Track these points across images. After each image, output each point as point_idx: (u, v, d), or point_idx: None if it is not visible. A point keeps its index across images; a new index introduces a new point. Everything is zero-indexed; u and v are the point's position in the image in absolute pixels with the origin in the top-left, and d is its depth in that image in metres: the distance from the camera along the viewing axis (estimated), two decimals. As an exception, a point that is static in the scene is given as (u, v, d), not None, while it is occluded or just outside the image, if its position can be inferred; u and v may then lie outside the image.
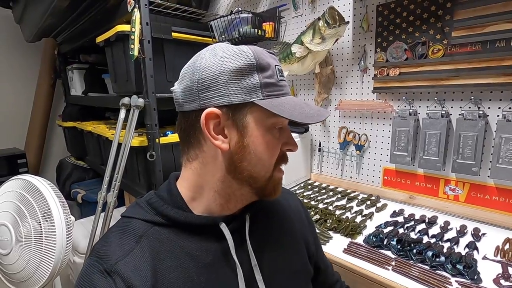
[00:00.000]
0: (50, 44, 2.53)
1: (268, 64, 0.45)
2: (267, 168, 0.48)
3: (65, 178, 2.31)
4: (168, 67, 1.40)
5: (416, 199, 1.21)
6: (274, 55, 0.49)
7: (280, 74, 0.48)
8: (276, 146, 0.48)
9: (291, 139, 0.50)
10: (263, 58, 0.45)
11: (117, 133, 1.36)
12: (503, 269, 0.78)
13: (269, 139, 0.47)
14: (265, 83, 0.45)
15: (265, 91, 0.45)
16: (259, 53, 0.46)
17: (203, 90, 0.44)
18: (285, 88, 0.48)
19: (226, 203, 0.49)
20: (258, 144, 0.46)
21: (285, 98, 0.47)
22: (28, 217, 1.03)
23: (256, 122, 0.45)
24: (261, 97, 0.44)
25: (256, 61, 0.44)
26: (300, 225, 0.61)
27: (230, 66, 0.43)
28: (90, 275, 0.41)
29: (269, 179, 0.48)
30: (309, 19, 1.48)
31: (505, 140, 0.95)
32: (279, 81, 0.47)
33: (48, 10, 1.65)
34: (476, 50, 0.99)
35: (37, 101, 2.65)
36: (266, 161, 0.47)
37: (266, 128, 0.46)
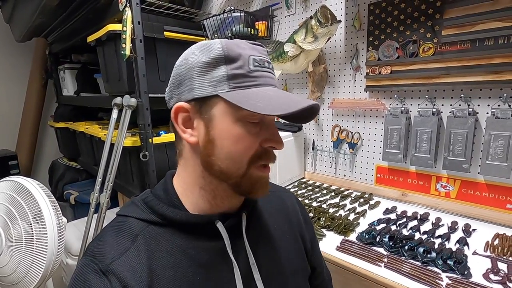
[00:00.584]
0: (41, 43, 2.50)
1: (239, 55, 0.43)
2: (238, 164, 0.44)
3: (58, 179, 2.29)
4: (161, 66, 1.40)
5: (408, 196, 1.23)
6: (259, 46, 0.47)
7: (256, 64, 0.44)
8: (249, 141, 0.44)
9: (274, 136, 0.46)
10: (234, 49, 0.44)
11: (110, 133, 1.35)
12: (492, 264, 0.79)
13: (238, 133, 0.44)
14: (233, 74, 0.43)
15: (232, 82, 0.43)
16: (232, 44, 0.44)
17: (177, 86, 0.46)
18: (261, 79, 0.45)
19: (213, 200, 0.48)
20: (224, 138, 0.44)
21: (256, 89, 0.44)
22: (19, 219, 1.02)
23: (222, 115, 0.44)
24: (227, 89, 0.43)
25: (224, 53, 0.43)
26: (297, 223, 0.61)
27: (198, 61, 0.44)
28: (84, 275, 0.41)
29: (243, 176, 0.45)
30: (302, 18, 1.48)
31: (494, 137, 0.97)
32: (251, 71, 0.44)
33: (38, 9, 1.63)
34: (466, 49, 1.01)
35: (28, 101, 2.61)
36: (235, 156, 0.44)
37: (234, 121, 0.44)
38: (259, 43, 0.48)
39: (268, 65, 0.46)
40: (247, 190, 0.47)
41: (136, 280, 0.41)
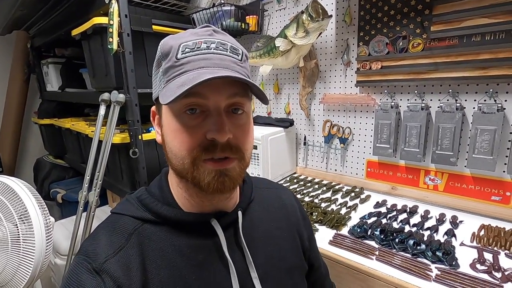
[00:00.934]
0: (22, 37, 2.40)
1: (170, 47, 0.42)
2: (181, 159, 0.42)
3: (44, 178, 2.22)
4: (150, 61, 1.36)
5: (398, 189, 1.25)
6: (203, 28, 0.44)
7: (186, 50, 0.41)
8: (187, 134, 0.41)
9: (214, 125, 0.41)
10: (168, 42, 0.43)
11: (97, 130, 1.32)
12: (478, 254, 0.82)
13: (175, 127, 0.42)
14: (165, 69, 0.43)
15: (165, 78, 0.43)
16: (168, 39, 0.44)
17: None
18: (187, 64, 0.41)
19: (191, 198, 0.47)
20: (167, 134, 0.45)
21: (180, 78, 0.40)
22: (4, 220, 0.98)
23: (165, 112, 0.45)
24: (163, 85, 0.44)
25: (161, 50, 0.44)
26: (295, 220, 0.60)
27: (154, 64, 0.47)
28: (78, 274, 0.40)
29: (191, 171, 0.42)
30: (293, 12, 1.47)
31: (480, 131, 0.99)
32: (177, 60, 0.41)
33: (18, 1, 1.55)
34: (454, 44, 1.02)
35: (10, 97, 2.51)
36: (176, 151, 0.43)
37: (173, 116, 0.43)
38: (208, 25, 0.45)
39: (208, 46, 0.41)
40: (203, 187, 0.42)
41: (130, 279, 0.40)
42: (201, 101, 0.41)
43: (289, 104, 1.59)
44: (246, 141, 0.45)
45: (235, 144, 0.43)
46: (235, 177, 0.44)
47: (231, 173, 0.43)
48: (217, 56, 0.41)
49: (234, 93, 0.42)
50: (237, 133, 0.43)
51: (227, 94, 0.42)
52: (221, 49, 0.42)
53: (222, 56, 0.42)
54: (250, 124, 0.47)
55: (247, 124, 0.46)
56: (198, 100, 0.41)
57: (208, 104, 0.41)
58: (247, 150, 0.46)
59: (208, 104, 0.41)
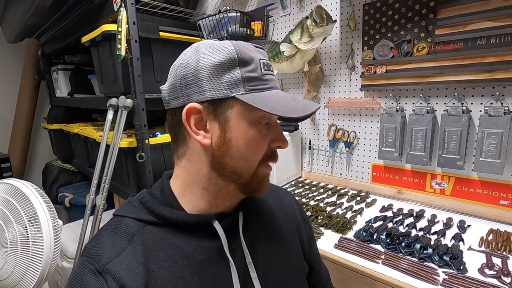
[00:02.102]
0: (33, 44, 2.47)
1: (251, 58, 0.45)
2: (250, 164, 0.46)
3: (52, 182, 2.26)
4: (156, 67, 1.39)
5: (404, 193, 1.24)
6: (262, 49, 0.48)
7: (265, 68, 0.46)
8: (261, 142, 0.46)
9: (280, 135, 0.48)
10: (246, 52, 0.45)
11: (105, 134, 1.34)
12: (487, 259, 0.81)
13: (253, 135, 0.45)
14: (248, 77, 0.44)
15: (248, 85, 0.44)
16: (242, 47, 0.45)
17: (185, 86, 0.45)
18: (271, 82, 0.47)
19: (214, 200, 0.49)
20: (240, 139, 0.45)
21: (269, 92, 0.45)
22: (14, 222, 1.00)
23: (238, 116, 0.44)
24: (243, 91, 0.43)
25: (237, 55, 0.44)
26: (295, 222, 0.61)
27: (211, 61, 0.43)
28: (81, 275, 0.41)
29: (253, 176, 0.47)
30: (297, 18, 1.49)
31: (487, 135, 0.98)
32: (263, 75, 0.46)
33: (31, 10, 1.60)
34: (459, 48, 1.02)
35: (21, 103, 2.57)
36: (249, 157, 0.46)
37: (249, 123, 0.45)
38: (261, 46, 0.49)
39: (271, 68, 0.49)
40: (254, 189, 0.48)
41: (132, 280, 0.41)
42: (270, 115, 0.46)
43: (294, 108, 1.60)
44: None
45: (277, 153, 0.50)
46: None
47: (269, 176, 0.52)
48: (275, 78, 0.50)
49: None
50: None
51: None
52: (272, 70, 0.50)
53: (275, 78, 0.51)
54: None
55: None
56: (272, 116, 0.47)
57: (271, 117, 0.48)
58: None
59: (271, 117, 0.48)
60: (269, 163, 0.49)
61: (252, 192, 0.49)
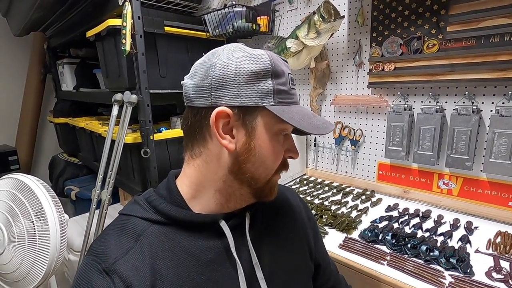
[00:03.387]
0: (39, 38, 2.47)
1: (282, 71, 0.47)
2: (269, 171, 0.49)
3: (58, 175, 2.28)
4: (161, 62, 1.38)
5: (410, 193, 1.23)
6: (287, 63, 0.50)
7: (292, 82, 0.49)
8: (280, 152, 0.49)
9: (293, 147, 0.52)
10: (278, 65, 0.46)
11: (110, 129, 1.34)
12: (495, 262, 0.80)
13: (275, 144, 0.48)
14: (278, 89, 0.45)
15: (277, 97, 0.45)
16: (275, 59, 0.46)
17: (217, 88, 0.44)
18: (295, 96, 0.49)
19: (226, 203, 0.49)
20: (264, 148, 0.47)
21: (294, 107, 0.48)
22: (21, 217, 1.01)
23: (265, 126, 0.46)
24: (272, 102, 0.45)
25: (272, 67, 0.45)
26: (301, 221, 0.61)
27: (247, 68, 0.44)
28: (88, 275, 0.41)
29: (268, 182, 0.50)
30: (304, 13, 1.46)
31: (498, 135, 0.96)
32: (290, 89, 0.48)
33: (36, 3, 1.60)
34: (471, 45, 0.99)
35: (27, 96, 2.59)
36: (269, 165, 0.48)
37: (273, 133, 0.47)
38: (285, 59, 0.51)
39: (295, 83, 0.51)
40: (266, 194, 0.51)
41: (139, 279, 0.41)
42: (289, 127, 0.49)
43: (299, 105, 1.58)
44: None
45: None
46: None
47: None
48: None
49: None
50: None
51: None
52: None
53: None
54: None
55: None
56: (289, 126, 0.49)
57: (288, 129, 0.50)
58: None
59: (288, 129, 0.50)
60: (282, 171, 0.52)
61: (264, 197, 0.51)
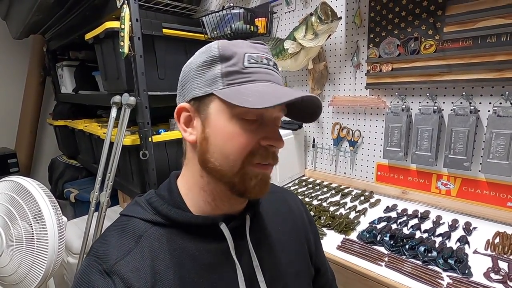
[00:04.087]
0: (38, 40, 2.47)
1: (233, 53, 0.43)
2: (231, 162, 0.43)
3: (58, 178, 2.28)
4: (160, 64, 1.38)
5: (408, 194, 1.23)
6: (260, 44, 0.46)
7: (251, 61, 0.43)
8: (244, 138, 0.43)
9: (272, 133, 0.44)
10: (230, 48, 0.44)
11: (109, 131, 1.34)
12: (493, 263, 0.79)
13: (233, 130, 0.43)
14: (227, 72, 0.43)
15: (226, 80, 0.43)
16: (228, 44, 0.45)
17: (182, 87, 0.49)
18: (255, 74, 0.43)
19: (213, 201, 0.48)
20: (218, 135, 0.44)
21: (249, 85, 0.43)
22: (19, 219, 1.01)
23: (217, 112, 0.44)
24: (221, 87, 0.43)
25: (219, 52, 0.44)
26: (302, 225, 0.61)
27: (198, 62, 0.46)
28: (88, 275, 0.41)
29: (238, 174, 0.44)
30: (302, 14, 1.46)
31: (495, 135, 0.96)
32: (245, 67, 0.43)
33: (35, 6, 1.60)
34: (468, 46, 1.00)
35: (27, 99, 2.59)
36: (228, 153, 0.43)
37: (229, 118, 0.43)
38: (261, 42, 0.48)
39: (268, 62, 0.45)
40: (243, 190, 0.45)
41: (139, 281, 0.41)
42: (259, 110, 0.42)
43: (298, 106, 1.58)
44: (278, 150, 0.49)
45: (276, 152, 0.48)
46: (269, 182, 0.48)
47: (269, 178, 0.48)
48: (276, 74, 0.46)
49: (282, 109, 0.46)
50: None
51: (279, 108, 0.45)
52: (275, 68, 0.47)
53: (277, 75, 0.47)
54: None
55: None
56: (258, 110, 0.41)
57: (265, 113, 0.44)
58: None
59: (265, 113, 0.44)
60: (261, 162, 0.44)
61: (242, 193, 0.45)
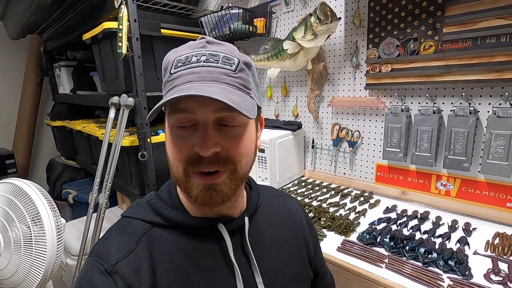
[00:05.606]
0: (35, 41, 2.46)
1: (168, 61, 0.44)
2: (175, 168, 0.44)
3: (56, 178, 2.27)
4: (158, 64, 1.37)
5: (408, 194, 1.23)
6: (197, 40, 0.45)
7: (177, 65, 0.42)
8: (177, 145, 0.43)
9: (198, 139, 0.41)
10: (167, 57, 0.45)
11: (107, 132, 1.34)
12: (493, 264, 0.79)
13: (171, 139, 0.44)
14: (164, 83, 0.45)
15: (165, 90, 0.44)
16: (168, 53, 0.46)
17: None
18: (177, 79, 0.42)
19: (193, 204, 0.47)
20: (167, 143, 0.46)
21: (171, 92, 0.42)
22: (17, 222, 1.01)
23: (166, 123, 0.46)
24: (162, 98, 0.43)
25: (163, 64, 0.45)
26: (300, 228, 0.61)
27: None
28: (90, 275, 0.41)
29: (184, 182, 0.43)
30: (301, 14, 1.46)
31: (495, 136, 0.96)
32: (171, 74, 0.42)
33: (32, 6, 1.59)
34: (467, 46, 1.00)
35: (24, 99, 2.58)
36: (171, 160, 0.45)
37: (169, 127, 0.45)
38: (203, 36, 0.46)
39: (198, 58, 0.42)
40: (193, 198, 0.44)
41: (140, 280, 0.41)
42: (189, 116, 0.41)
43: (297, 107, 1.58)
44: (238, 152, 0.43)
45: (225, 156, 0.42)
46: (224, 191, 0.43)
47: (220, 187, 0.43)
48: (205, 69, 0.41)
49: (220, 108, 0.40)
50: (228, 145, 0.42)
51: (213, 109, 0.41)
52: (211, 61, 0.42)
53: (211, 69, 0.42)
54: (246, 135, 0.45)
55: (242, 135, 0.44)
56: (187, 115, 0.41)
57: (197, 118, 0.41)
58: (240, 161, 0.44)
59: (197, 118, 0.41)
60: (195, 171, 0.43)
61: (195, 201, 0.44)
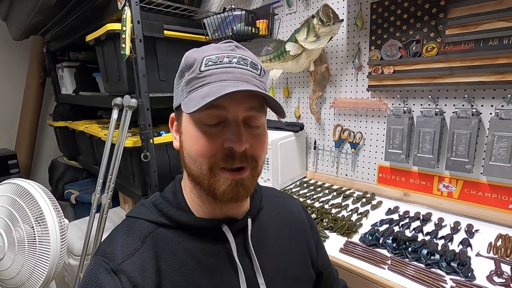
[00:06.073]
0: (38, 41, 2.47)
1: (194, 59, 0.45)
2: (198, 165, 0.44)
3: (58, 179, 2.28)
4: (161, 66, 1.38)
5: (410, 196, 1.23)
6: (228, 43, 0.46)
7: (208, 63, 0.43)
8: (205, 141, 0.43)
9: (233, 135, 0.42)
10: (192, 55, 0.46)
11: (110, 133, 1.34)
12: (496, 266, 0.80)
13: (195, 135, 0.44)
14: (188, 80, 0.45)
15: (188, 88, 0.45)
16: (192, 51, 0.47)
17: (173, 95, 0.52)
18: (210, 76, 0.43)
19: (203, 204, 0.49)
20: (187, 140, 0.46)
21: (203, 89, 0.42)
22: (21, 222, 1.01)
23: (186, 120, 0.46)
24: (185, 95, 0.45)
25: (185, 62, 0.46)
26: (303, 229, 0.61)
27: (176, 74, 0.49)
28: (96, 274, 0.42)
29: (208, 178, 0.44)
30: (303, 16, 1.46)
31: (497, 138, 0.96)
32: (201, 72, 0.43)
33: (35, 8, 1.60)
34: (470, 49, 1.00)
35: (27, 100, 2.59)
36: (195, 157, 0.44)
37: (193, 124, 0.45)
38: (230, 40, 0.48)
39: (230, 60, 0.44)
40: (214, 194, 0.44)
41: (145, 280, 0.42)
42: (221, 112, 0.43)
43: (299, 108, 1.58)
44: (261, 150, 0.47)
45: (250, 154, 0.45)
46: (249, 186, 0.46)
47: (246, 182, 0.45)
48: (238, 70, 0.44)
49: (252, 107, 0.44)
50: (253, 143, 0.45)
51: (245, 107, 0.44)
52: (242, 63, 0.44)
53: (242, 71, 0.44)
54: (265, 135, 0.49)
55: (262, 136, 0.48)
56: (220, 112, 0.43)
57: (227, 115, 0.43)
58: (261, 159, 0.48)
59: (227, 115, 0.43)
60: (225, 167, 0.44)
61: (215, 198, 0.45)
